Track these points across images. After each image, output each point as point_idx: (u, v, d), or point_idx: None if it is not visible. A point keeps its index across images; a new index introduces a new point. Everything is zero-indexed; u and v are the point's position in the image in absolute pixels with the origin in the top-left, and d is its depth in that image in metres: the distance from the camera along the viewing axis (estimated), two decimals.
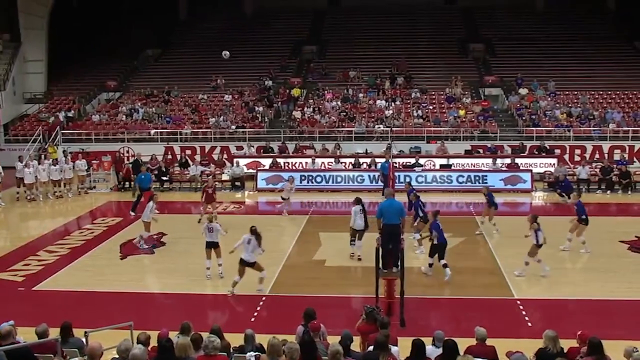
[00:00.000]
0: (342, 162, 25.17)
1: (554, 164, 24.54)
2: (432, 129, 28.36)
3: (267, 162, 25.52)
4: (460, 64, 35.57)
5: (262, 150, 27.15)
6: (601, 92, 31.48)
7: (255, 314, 11.73)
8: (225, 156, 27.26)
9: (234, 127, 29.58)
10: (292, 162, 25.89)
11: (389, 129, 28.05)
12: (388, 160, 20.48)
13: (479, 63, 36.05)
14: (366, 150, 26.88)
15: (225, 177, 24.97)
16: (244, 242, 12.48)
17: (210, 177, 21.45)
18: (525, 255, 13.46)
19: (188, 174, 25.07)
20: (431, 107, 30.89)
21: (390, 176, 15.41)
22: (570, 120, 28.68)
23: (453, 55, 36.39)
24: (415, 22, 38.92)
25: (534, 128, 28.05)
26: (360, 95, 32.24)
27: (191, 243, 15.99)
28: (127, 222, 19.18)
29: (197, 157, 27.36)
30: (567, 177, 22.55)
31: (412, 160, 24.83)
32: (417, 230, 15.82)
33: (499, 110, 31.91)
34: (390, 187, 13.71)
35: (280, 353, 6.79)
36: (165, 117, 31.06)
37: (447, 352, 7.25)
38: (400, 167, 24.25)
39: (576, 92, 31.37)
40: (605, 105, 30.28)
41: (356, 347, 8.27)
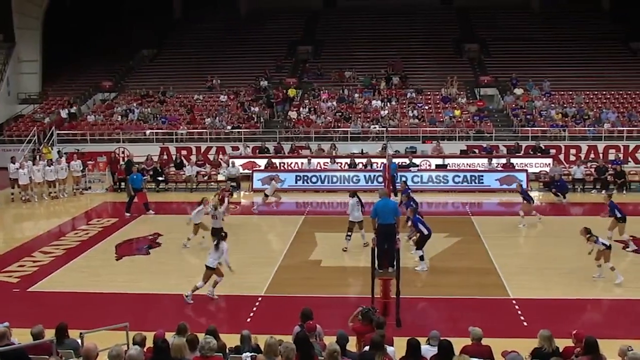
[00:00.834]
0: (337, 163, 25.16)
1: (549, 163, 24.59)
2: (428, 129, 28.41)
3: (262, 163, 25.52)
4: (455, 64, 35.61)
5: (257, 151, 27.14)
6: (596, 92, 31.62)
7: (251, 314, 11.73)
8: (221, 156, 27.24)
9: (229, 127, 29.57)
10: (287, 163, 25.88)
11: (384, 129, 28.03)
12: (391, 160, 20.55)
13: (474, 63, 36.10)
14: (362, 150, 26.91)
15: (221, 177, 24.95)
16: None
17: (228, 182, 21.61)
18: (607, 263, 13.11)
19: (184, 174, 25.06)
20: (427, 107, 30.94)
21: (386, 176, 15.46)
22: (565, 120, 28.78)
23: (448, 56, 36.42)
24: (411, 23, 38.90)
25: (529, 128, 28.14)
26: (356, 95, 32.25)
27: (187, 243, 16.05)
28: (123, 223, 19.16)
29: (193, 158, 27.33)
30: (563, 176, 22.64)
31: (407, 161, 24.85)
32: (412, 230, 15.88)
33: (495, 110, 32.00)
34: (386, 187, 13.75)
35: (277, 353, 6.79)
36: (160, 117, 31.02)
37: (442, 352, 7.26)
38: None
39: (571, 92, 31.50)
40: (600, 105, 30.39)
41: (352, 347, 8.28)
